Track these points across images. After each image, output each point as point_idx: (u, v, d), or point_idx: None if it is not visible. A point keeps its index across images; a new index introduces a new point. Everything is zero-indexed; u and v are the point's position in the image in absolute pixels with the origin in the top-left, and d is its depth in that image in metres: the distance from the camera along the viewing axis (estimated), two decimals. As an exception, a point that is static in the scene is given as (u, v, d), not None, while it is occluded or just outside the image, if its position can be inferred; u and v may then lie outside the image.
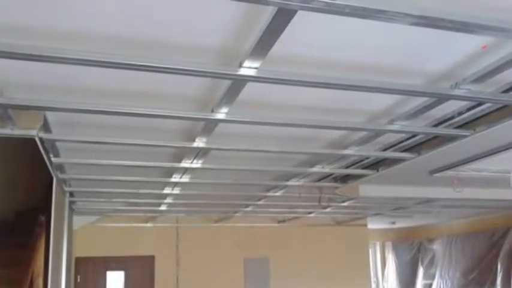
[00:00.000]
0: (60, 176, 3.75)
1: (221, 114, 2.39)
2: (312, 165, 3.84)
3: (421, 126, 2.86)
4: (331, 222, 7.78)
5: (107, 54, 1.75)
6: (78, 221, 5.74)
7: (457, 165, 3.76)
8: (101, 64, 1.77)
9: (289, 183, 4.36)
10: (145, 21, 1.70)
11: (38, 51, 1.69)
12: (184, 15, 1.67)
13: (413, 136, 3.17)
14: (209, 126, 2.65)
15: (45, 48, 1.69)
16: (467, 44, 1.92)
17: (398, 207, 6.25)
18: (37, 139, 2.64)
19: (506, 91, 2.30)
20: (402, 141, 3.27)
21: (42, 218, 4.22)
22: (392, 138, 3.23)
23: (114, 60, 1.76)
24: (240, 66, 1.85)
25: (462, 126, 2.81)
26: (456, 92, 2.20)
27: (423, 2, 1.51)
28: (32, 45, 1.69)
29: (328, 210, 6.04)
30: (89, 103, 2.29)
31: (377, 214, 7.07)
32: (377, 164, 3.87)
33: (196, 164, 3.50)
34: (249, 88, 2.08)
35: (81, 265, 6.45)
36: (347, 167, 3.97)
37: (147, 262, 6.90)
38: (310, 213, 6.53)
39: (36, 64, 1.80)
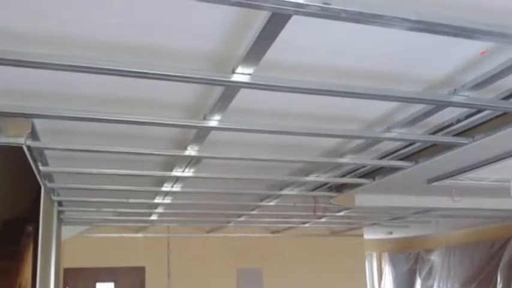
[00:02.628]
0: (49, 185, 3.68)
1: (214, 121, 2.35)
2: (307, 174, 3.79)
3: (418, 133, 2.82)
4: (326, 232, 7.71)
5: (96, 60, 1.70)
6: (67, 231, 5.66)
7: (456, 174, 3.71)
8: (90, 70, 1.73)
9: (284, 192, 4.31)
10: (135, 27, 1.65)
11: (26, 57, 1.64)
12: (176, 21, 1.62)
13: (411, 144, 3.12)
14: (201, 134, 2.60)
15: (33, 54, 1.64)
16: (466, 49, 1.88)
17: (395, 217, 6.20)
18: (25, 147, 2.60)
19: (506, 98, 2.26)
20: (399, 150, 3.23)
21: (30, 228, 4.15)
22: (389, 146, 3.18)
23: (104, 66, 1.71)
24: (233, 72, 1.81)
25: (461, 133, 2.77)
26: (455, 98, 2.16)
27: (421, 7, 1.47)
28: (20, 51, 1.64)
29: (323, 220, 5.97)
30: (78, 110, 2.23)
31: (373, 224, 7.01)
32: (373, 173, 3.82)
33: (188, 172, 3.45)
34: (243, 95, 2.03)
35: (70, 276, 6.34)
36: (343, 176, 3.93)
37: (138, 273, 6.79)
38: (304, 223, 6.46)
39: (23, 70, 1.74)
